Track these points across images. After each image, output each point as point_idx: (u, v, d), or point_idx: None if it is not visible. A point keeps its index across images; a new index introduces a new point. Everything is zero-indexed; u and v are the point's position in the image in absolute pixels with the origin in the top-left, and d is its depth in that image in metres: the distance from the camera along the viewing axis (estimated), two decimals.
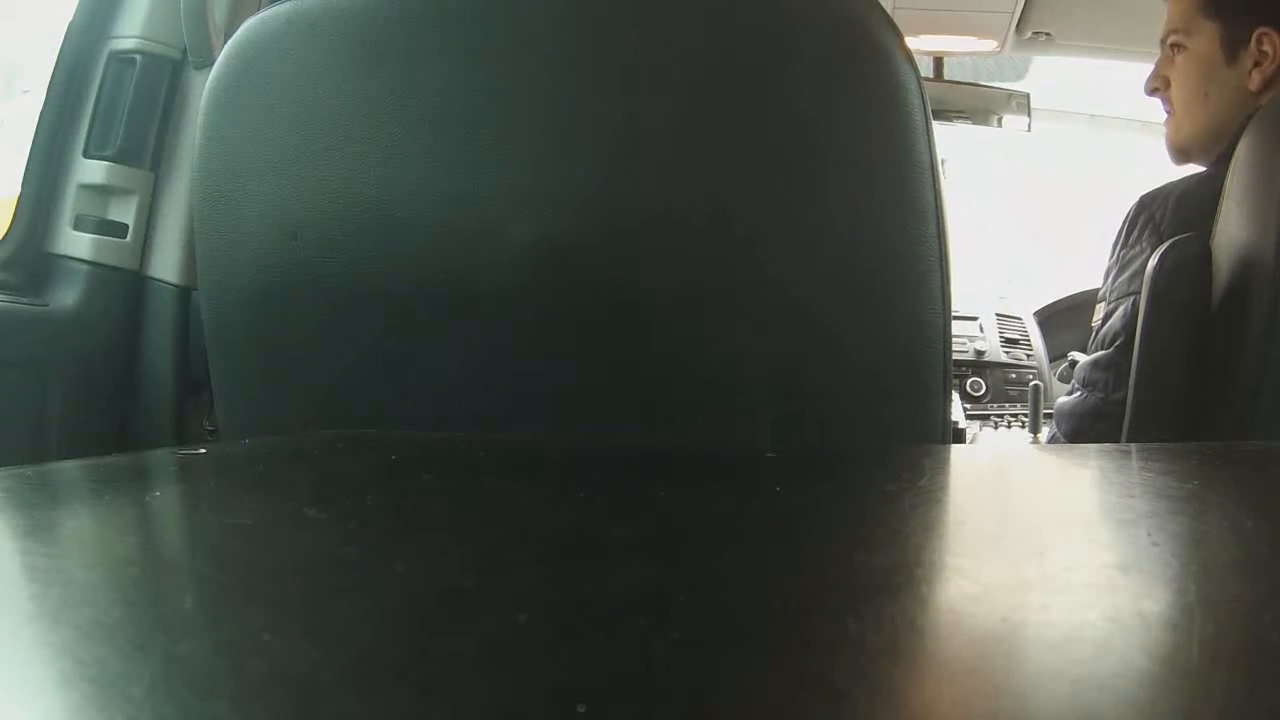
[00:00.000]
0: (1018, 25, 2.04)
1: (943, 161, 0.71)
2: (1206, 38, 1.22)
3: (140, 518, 0.44)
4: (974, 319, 2.37)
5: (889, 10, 0.67)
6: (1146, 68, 1.34)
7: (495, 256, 0.67)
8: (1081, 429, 1.22)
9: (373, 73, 0.69)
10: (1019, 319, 2.41)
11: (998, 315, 2.40)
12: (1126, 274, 1.19)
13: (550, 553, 0.37)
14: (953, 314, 0.69)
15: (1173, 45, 1.25)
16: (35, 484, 0.48)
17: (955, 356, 2.15)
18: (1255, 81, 1.19)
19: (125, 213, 1.26)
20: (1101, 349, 1.22)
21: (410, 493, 0.47)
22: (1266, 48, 1.18)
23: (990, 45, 2.14)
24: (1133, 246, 1.20)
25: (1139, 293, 1.12)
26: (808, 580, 0.34)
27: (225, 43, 0.74)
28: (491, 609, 0.30)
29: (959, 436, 1.86)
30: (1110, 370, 1.20)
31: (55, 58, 1.24)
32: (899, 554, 0.37)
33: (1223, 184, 1.09)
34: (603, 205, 0.68)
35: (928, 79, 2.14)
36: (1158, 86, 1.28)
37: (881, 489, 0.47)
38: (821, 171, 0.67)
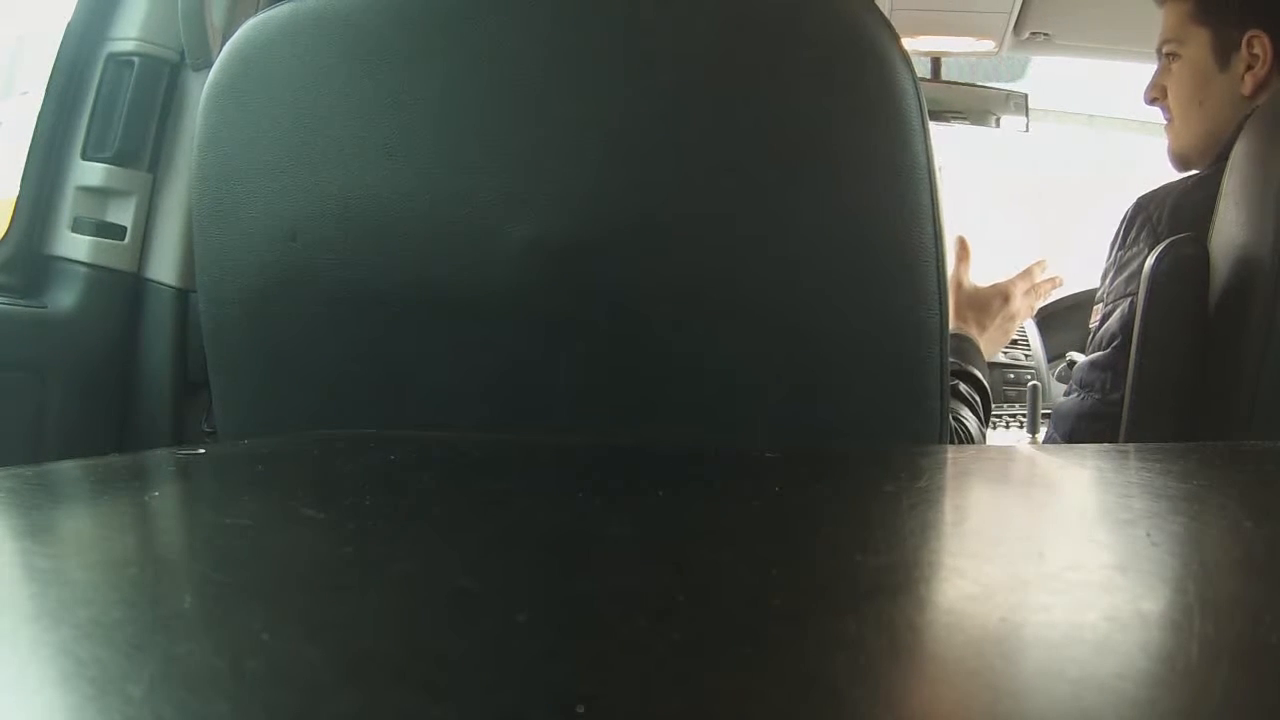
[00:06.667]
0: (1015, 26, 2.04)
1: (940, 168, 0.71)
2: (1199, 45, 1.23)
3: (140, 518, 0.44)
4: None
5: (886, 11, 0.67)
6: (1145, 68, 1.34)
7: (494, 257, 0.67)
8: (1079, 430, 1.22)
9: (371, 74, 0.69)
10: None
11: None
12: (1124, 275, 1.20)
13: (550, 553, 0.37)
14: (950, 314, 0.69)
15: (1168, 54, 1.26)
16: (35, 484, 0.48)
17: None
18: (1248, 85, 1.20)
19: (123, 215, 1.26)
20: (1099, 350, 1.22)
21: (410, 493, 0.47)
22: (1257, 50, 1.18)
23: (988, 46, 2.14)
24: (1130, 248, 1.20)
25: (1137, 294, 1.13)
26: (807, 580, 0.34)
27: (223, 44, 0.74)
28: (491, 609, 0.30)
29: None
30: (1107, 371, 1.20)
31: (53, 59, 1.24)
32: (898, 554, 0.37)
33: (1219, 185, 1.09)
34: (601, 206, 0.68)
35: (925, 80, 2.14)
36: (1156, 96, 1.29)
37: (880, 489, 0.47)
38: (818, 172, 0.67)
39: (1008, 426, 2.18)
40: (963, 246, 1.34)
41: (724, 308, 0.68)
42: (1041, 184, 3.85)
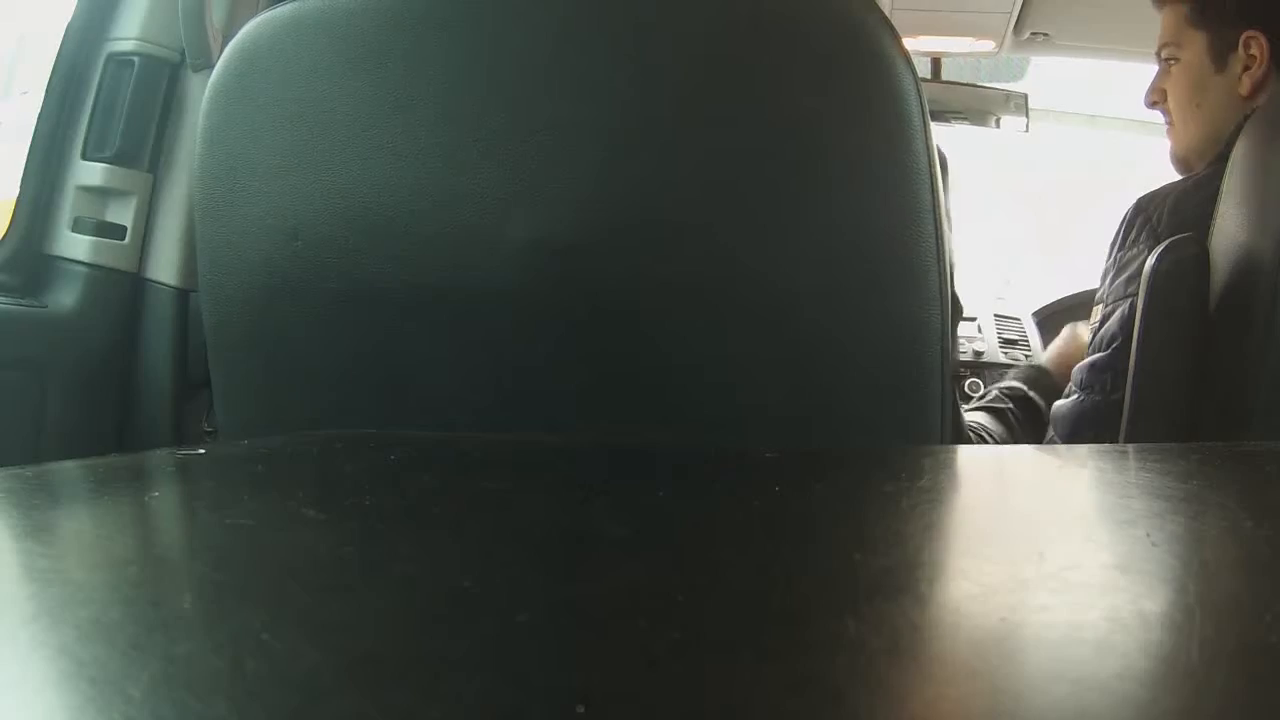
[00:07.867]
0: (1015, 26, 2.04)
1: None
2: (1196, 48, 1.23)
3: (140, 518, 0.44)
4: (972, 319, 2.36)
5: (887, 11, 0.67)
6: (1144, 68, 1.34)
7: (495, 256, 0.67)
8: (1079, 431, 1.22)
9: (372, 74, 0.69)
10: (1017, 319, 2.40)
11: (996, 316, 2.40)
12: (1124, 276, 1.20)
13: (550, 553, 0.37)
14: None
15: (1166, 58, 1.26)
16: (35, 484, 0.48)
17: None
18: (1246, 86, 1.20)
19: (124, 214, 1.26)
20: (1099, 351, 1.22)
21: (410, 493, 0.47)
22: (1254, 51, 1.18)
23: (988, 46, 2.14)
24: (1130, 249, 1.20)
25: (1136, 295, 1.12)
26: (807, 580, 0.34)
27: (223, 44, 0.74)
28: (491, 609, 0.30)
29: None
30: (1108, 372, 1.20)
31: (53, 59, 1.24)
32: (898, 554, 0.37)
33: (1219, 185, 1.09)
34: (601, 205, 0.68)
35: (925, 80, 2.14)
36: (1157, 100, 1.29)
37: (881, 489, 0.47)
38: (819, 172, 0.67)
39: None
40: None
41: (724, 308, 0.68)
42: (1041, 184, 3.85)
